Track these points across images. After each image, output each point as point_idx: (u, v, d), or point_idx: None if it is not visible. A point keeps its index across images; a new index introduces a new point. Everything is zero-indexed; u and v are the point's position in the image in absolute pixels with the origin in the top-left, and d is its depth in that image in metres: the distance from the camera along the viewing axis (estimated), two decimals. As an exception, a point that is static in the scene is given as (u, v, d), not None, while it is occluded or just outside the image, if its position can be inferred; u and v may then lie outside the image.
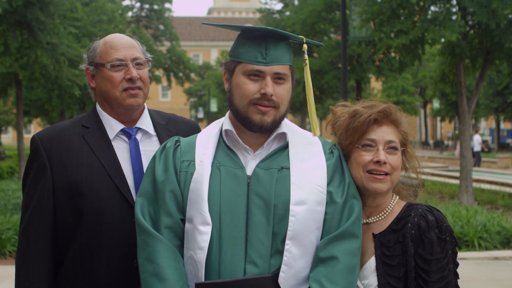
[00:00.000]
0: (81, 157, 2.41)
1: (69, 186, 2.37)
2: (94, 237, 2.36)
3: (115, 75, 2.44)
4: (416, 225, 2.21)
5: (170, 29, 42.43)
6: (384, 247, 2.24)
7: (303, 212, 2.11)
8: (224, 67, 2.29)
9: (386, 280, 2.20)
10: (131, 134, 2.50)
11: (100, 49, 2.49)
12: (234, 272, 2.09)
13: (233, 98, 2.22)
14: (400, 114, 2.35)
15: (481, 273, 7.44)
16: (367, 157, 2.26)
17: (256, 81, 2.18)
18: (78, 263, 2.38)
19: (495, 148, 41.32)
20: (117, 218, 2.37)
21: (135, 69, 2.45)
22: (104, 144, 2.45)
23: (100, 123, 2.50)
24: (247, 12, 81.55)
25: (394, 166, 2.27)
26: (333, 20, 19.67)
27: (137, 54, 2.48)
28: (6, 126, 40.48)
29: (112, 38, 2.52)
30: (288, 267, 2.09)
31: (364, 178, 2.26)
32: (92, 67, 2.50)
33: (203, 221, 2.11)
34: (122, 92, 2.44)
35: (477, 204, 12.99)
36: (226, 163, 2.21)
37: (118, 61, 2.44)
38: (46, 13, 13.34)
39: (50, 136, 2.45)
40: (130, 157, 2.46)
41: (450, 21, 11.48)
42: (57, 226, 2.40)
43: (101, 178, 2.39)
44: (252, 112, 2.18)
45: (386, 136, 2.28)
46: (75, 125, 2.50)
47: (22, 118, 18.43)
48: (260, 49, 2.19)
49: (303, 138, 2.29)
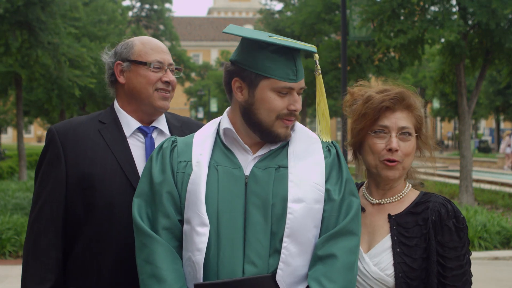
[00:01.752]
0: (96, 152, 2.44)
1: (82, 179, 2.40)
2: (104, 231, 2.38)
3: (152, 75, 2.50)
4: (437, 211, 2.24)
5: (170, 29, 42.44)
6: (402, 228, 2.25)
7: (301, 210, 2.11)
8: (237, 75, 2.21)
9: (403, 260, 2.21)
10: (148, 132, 2.55)
11: (138, 48, 2.52)
12: (232, 273, 2.08)
13: (256, 112, 2.19)
14: (414, 98, 2.34)
15: (481, 273, 7.43)
16: (380, 145, 2.26)
17: (283, 97, 2.18)
18: (86, 256, 2.40)
19: (495, 148, 41.31)
20: (128, 213, 2.36)
21: (172, 74, 2.55)
22: (120, 140, 2.49)
23: (117, 119, 2.54)
24: (247, 12, 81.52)
25: (406, 153, 2.27)
26: (332, 21, 19.67)
27: (171, 60, 2.58)
28: (6, 126, 40.47)
29: (151, 40, 2.58)
30: (286, 264, 2.09)
31: (377, 166, 2.28)
32: (126, 63, 2.53)
33: (200, 223, 2.10)
34: (155, 92, 2.51)
35: (477, 204, 12.98)
36: (223, 163, 2.20)
37: (158, 63, 2.51)
38: (47, 12, 13.34)
39: (66, 128, 2.49)
40: (145, 155, 2.50)
41: (449, 21, 11.49)
42: (69, 219, 2.42)
43: (115, 173, 2.42)
44: (278, 126, 2.19)
45: (399, 122, 2.28)
46: (92, 120, 2.54)
47: (22, 118, 18.43)
48: (290, 66, 2.17)
49: (303, 135, 2.28)
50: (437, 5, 12.06)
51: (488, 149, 37.28)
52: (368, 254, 2.25)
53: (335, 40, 19.96)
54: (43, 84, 17.91)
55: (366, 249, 2.27)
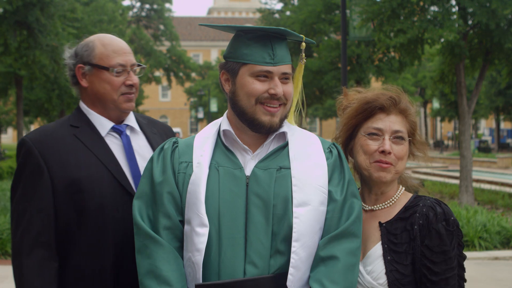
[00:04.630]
0: (78, 155, 2.40)
1: (70, 184, 2.35)
2: (100, 233, 2.36)
3: (116, 80, 2.47)
4: (424, 215, 2.21)
5: (170, 29, 42.44)
6: (391, 235, 2.24)
7: (307, 213, 2.11)
8: (223, 68, 2.26)
9: (394, 267, 2.20)
10: (122, 130, 2.53)
11: (100, 51, 2.47)
12: (233, 273, 2.08)
13: (238, 99, 2.21)
14: (409, 104, 2.34)
15: (481, 273, 7.43)
16: (373, 146, 2.26)
17: (263, 81, 2.18)
18: (86, 261, 2.36)
19: (495, 148, 41.31)
20: (122, 212, 2.38)
21: (135, 75, 2.50)
22: (98, 141, 2.46)
23: (89, 121, 2.50)
24: (247, 12, 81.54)
25: (399, 156, 2.27)
26: (332, 21, 19.67)
27: (134, 60, 2.52)
28: (7, 126, 40.48)
29: (111, 40, 2.52)
30: (296, 269, 2.08)
31: (369, 167, 2.27)
32: (88, 67, 2.48)
33: (200, 223, 2.10)
34: (120, 96, 2.48)
35: (477, 204, 12.99)
36: (224, 163, 2.20)
37: (121, 67, 2.47)
38: (46, 13, 13.35)
39: (41, 137, 2.42)
40: (125, 152, 2.49)
41: (449, 21, 11.49)
42: (59, 227, 2.37)
43: (102, 174, 2.39)
44: (260, 113, 2.18)
45: (393, 125, 2.28)
46: (63, 126, 2.48)
47: (22, 118, 18.45)
48: (266, 49, 2.18)
49: (303, 137, 2.28)
50: (436, 5, 12.07)
51: (488, 149, 37.26)
52: (362, 263, 2.25)
53: (335, 40, 19.95)
54: (43, 84, 17.92)
55: (361, 257, 2.25)
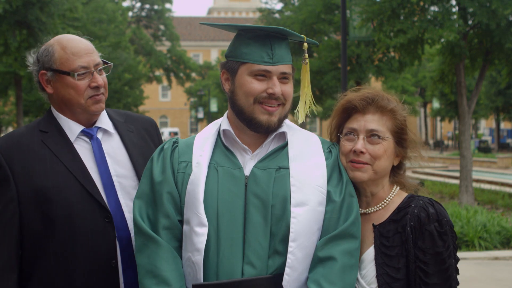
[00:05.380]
0: (44, 163, 2.32)
1: (36, 193, 2.28)
2: (68, 244, 2.29)
3: (80, 84, 2.37)
4: (416, 216, 2.18)
5: (170, 29, 42.44)
6: (383, 237, 2.22)
7: (305, 213, 2.10)
8: (223, 67, 2.26)
9: (385, 271, 2.17)
10: (92, 134, 2.45)
11: (59, 55, 2.38)
12: (232, 273, 2.08)
13: (236, 98, 2.21)
14: (391, 102, 2.30)
15: (481, 273, 7.43)
16: (348, 146, 2.26)
17: (262, 80, 2.18)
18: (54, 271, 2.30)
19: (495, 148, 41.30)
20: (90, 221, 2.31)
21: (99, 75, 2.40)
22: (66, 147, 2.38)
23: (59, 126, 2.42)
24: (247, 12, 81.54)
25: (375, 155, 2.23)
26: (332, 21, 19.66)
27: (97, 59, 2.42)
28: (7, 126, 40.48)
29: (70, 42, 2.41)
30: (292, 269, 2.08)
31: (347, 167, 2.26)
32: (50, 72, 2.39)
33: (199, 223, 2.10)
34: (87, 99, 2.39)
35: (477, 204, 12.98)
36: (223, 163, 2.20)
37: (83, 69, 2.36)
38: (46, 12, 13.35)
39: (8, 144, 2.35)
40: (95, 157, 2.41)
41: (449, 21, 11.49)
42: (25, 237, 2.30)
43: (68, 182, 2.31)
44: (258, 112, 2.18)
45: (368, 124, 2.25)
46: (32, 131, 2.41)
47: (22, 118, 18.44)
48: (265, 49, 2.18)
49: (303, 137, 2.28)
50: (436, 5, 12.06)
51: (488, 149, 37.26)
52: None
53: (335, 40, 19.95)
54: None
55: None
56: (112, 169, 2.42)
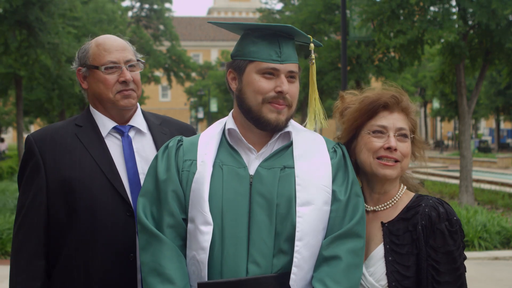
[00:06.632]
0: (74, 155, 2.44)
1: (63, 184, 2.39)
2: (88, 234, 2.38)
3: (109, 78, 2.48)
4: (427, 215, 2.20)
5: (170, 29, 42.39)
6: (393, 235, 2.23)
7: (310, 212, 2.11)
8: (230, 66, 2.27)
9: (395, 268, 2.19)
10: (124, 131, 2.54)
11: (93, 51, 2.51)
12: (236, 272, 2.09)
13: (244, 96, 2.21)
14: (410, 103, 2.35)
15: (481, 273, 7.44)
16: (377, 143, 2.26)
17: (270, 79, 2.18)
18: (73, 260, 2.39)
19: (495, 148, 41.30)
20: (111, 214, 2.39)
21: (128, 71, 2.49)
22: (97, 141, 2.49)
23: (93, 121, 2.54)
24: (247, 12, 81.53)
25: (404, 153, 2.27)
26: (332, 21, 19.66)
27: (129, 56, 2.52)
28: (7, 126, 40.50)
29: (105, 40, 2.54)
30: (299, 268, 2.08)
31: (373, 164, 2.26)
32: (85, 68, 2.53)
33: (204, 221, 2.11)
34: (116, 94, 2.48)
35: (477, 204, 12.99)
36: (228, 162, 2.21)
37: (112, 64, 2.47)
38: (46, 12, 13.34)
39: (43, 136, 2.48)
40: (124, 154, 2.49)
41: (449, 21, 11.49)
42: (51, 225, 2.42)
43: (94, 174, 2.41)
44: (266, 111, 2.18)
45: (397, 123, 2.28)
46: (68, 125, 2.54)
47: (22, 118, 18.45)
48: (273, 47, 2.19)
49: (307, 137, 2.29)
50: (436, 5, 12.07)
51: (488, 149, 37.27)
52: (364, 264, 2.24)
53: (335, 40, 19.95)
54: (43, 84, 17.91)
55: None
56: (140, 167, 2.50)
